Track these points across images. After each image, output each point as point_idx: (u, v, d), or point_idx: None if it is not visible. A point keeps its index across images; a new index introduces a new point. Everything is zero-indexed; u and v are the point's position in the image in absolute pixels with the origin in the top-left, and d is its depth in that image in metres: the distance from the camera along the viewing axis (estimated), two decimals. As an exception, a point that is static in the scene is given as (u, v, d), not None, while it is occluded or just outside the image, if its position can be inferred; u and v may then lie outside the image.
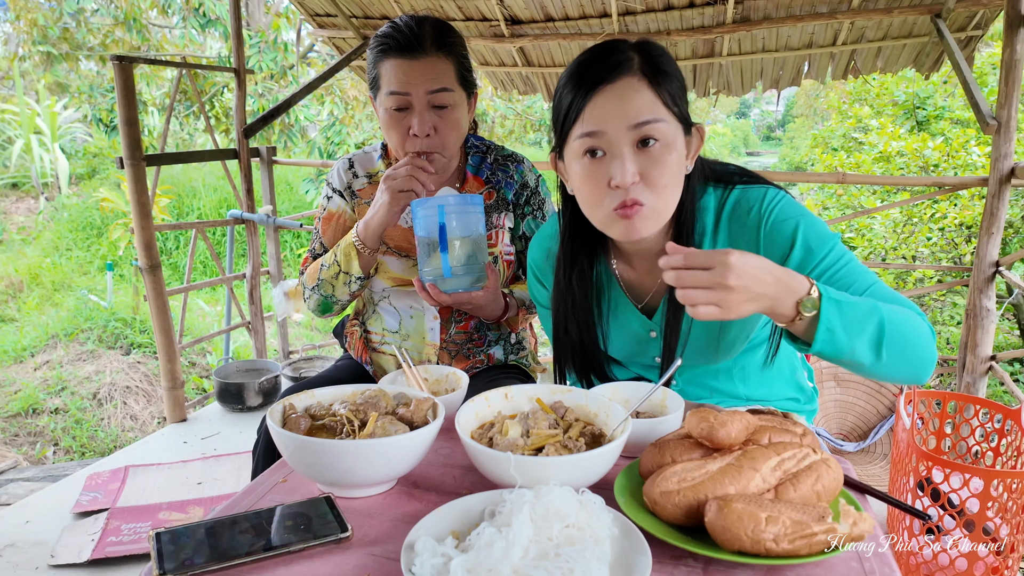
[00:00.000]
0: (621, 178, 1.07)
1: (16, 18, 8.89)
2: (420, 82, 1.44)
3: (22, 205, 9.22)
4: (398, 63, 1.44)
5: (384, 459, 0.94)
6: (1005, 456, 1.79)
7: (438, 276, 1.39)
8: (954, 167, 5.29)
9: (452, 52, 1.49)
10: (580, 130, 1.10)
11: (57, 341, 5.60)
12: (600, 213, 1.13)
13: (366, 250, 1.51)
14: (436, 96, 1.46)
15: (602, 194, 1.10)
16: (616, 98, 1.07)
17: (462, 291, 1.42)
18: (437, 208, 1.35)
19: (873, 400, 2.89)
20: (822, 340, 0.97)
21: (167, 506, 2.45)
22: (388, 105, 1.47)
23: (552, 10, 3.19)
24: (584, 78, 1.09)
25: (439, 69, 1.45)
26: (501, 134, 12.42)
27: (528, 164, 1.71)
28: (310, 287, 1.63)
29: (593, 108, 1.08)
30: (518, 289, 1.67)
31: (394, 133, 1.49)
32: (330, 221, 1.67)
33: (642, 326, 1.30)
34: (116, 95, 2.76)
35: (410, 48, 1.43)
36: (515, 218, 1.67)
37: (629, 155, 1.08)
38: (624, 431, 0.98)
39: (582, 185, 1.13)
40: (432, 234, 1.36)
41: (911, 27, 2.97)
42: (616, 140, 1.08)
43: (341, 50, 3.69)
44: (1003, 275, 2.67)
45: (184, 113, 9.59)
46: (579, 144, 1.10)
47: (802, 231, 1.13)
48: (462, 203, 1.37)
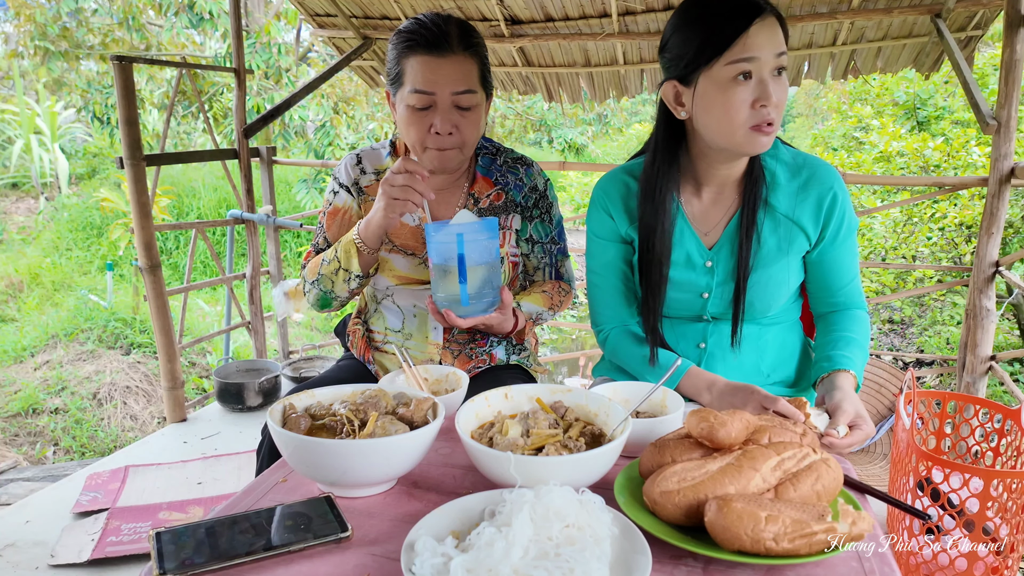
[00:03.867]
0: (774, 98, 1.23)
1: (16, 15, 8.90)
2: (446, 82, 1.44)
3: (22, 205, 9.22)
4: (425, 60, 1.44)
5: (384, 459, 0.94)
6: (1005, 456, 1.79)
7: (454, 303, 1.39)
8: (954, 167, 5.29)
9: (477, 53, 1.49)
10: (736, 55, 1.22)
11: (57, 341, 5.60)
12: (739, 129, 1.26)
13: (366, 249, 1.50)
14: (461, 97, 1.46)
15: (745, 113, 1.25)
16: (768, 29, 1.23)
17: (478, 315, 1.44)
18: (456, 237, 1.34)
19: (873, 400, 2.89)
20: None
21: (167, 506, 2.45)
22: (411, 103, 1.47)
23: (552, 10, 3.19)
24: (738, 10, 1.22)
25: (465, 69, 1.46)
26: (501, 134, 12.41)
27: (537, 168, 1.71)
28: (310, 281, 1.62)
29: (755, 36, 1.22)
30: (526, 302, 1.65)
31: (414, 130, 1.49)
32: (335, 216, 1.67)
33: (701, 255, 1.43)
34: (116, 95, 2.76)
35: (438, 46, 1.43)
36: (523, 220, 1.67)
37: (772, 80, 1.23)
38: (624, 431, 0.98)
39: (727, 103, 1.25)
40: (449, 261, 1.36)
41: (911, 27, 2.97)
42: (767, 65, 1.23)
43: (341, 50, 3.69)
44: (1003, 275, 2.67)
45: (183, 113, 9.59)
46: (732, 68, 1.23)
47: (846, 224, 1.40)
48: (479, 230, 1.36)
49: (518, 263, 1.70)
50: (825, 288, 1.45)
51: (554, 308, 1.70)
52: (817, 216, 1.38)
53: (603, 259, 1.52)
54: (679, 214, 1.42)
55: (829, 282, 1.44)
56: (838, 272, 1.43)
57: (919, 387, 2.73)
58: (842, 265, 1.42)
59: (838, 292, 1.44)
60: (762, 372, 1.49)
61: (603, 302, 1.54)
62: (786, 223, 1.38)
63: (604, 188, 1.50)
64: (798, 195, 1.38)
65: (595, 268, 1.54)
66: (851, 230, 1.41)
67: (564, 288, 1.74)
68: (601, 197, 1.50)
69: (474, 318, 1.43)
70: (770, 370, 1.49)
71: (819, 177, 1.38)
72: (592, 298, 1.57)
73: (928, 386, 4.37)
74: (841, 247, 1.41)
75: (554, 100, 3.83)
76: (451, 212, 1.64)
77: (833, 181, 1.38)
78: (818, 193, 1.37)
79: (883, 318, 6.37)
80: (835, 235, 1.39)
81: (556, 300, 1.70)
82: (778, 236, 1.38)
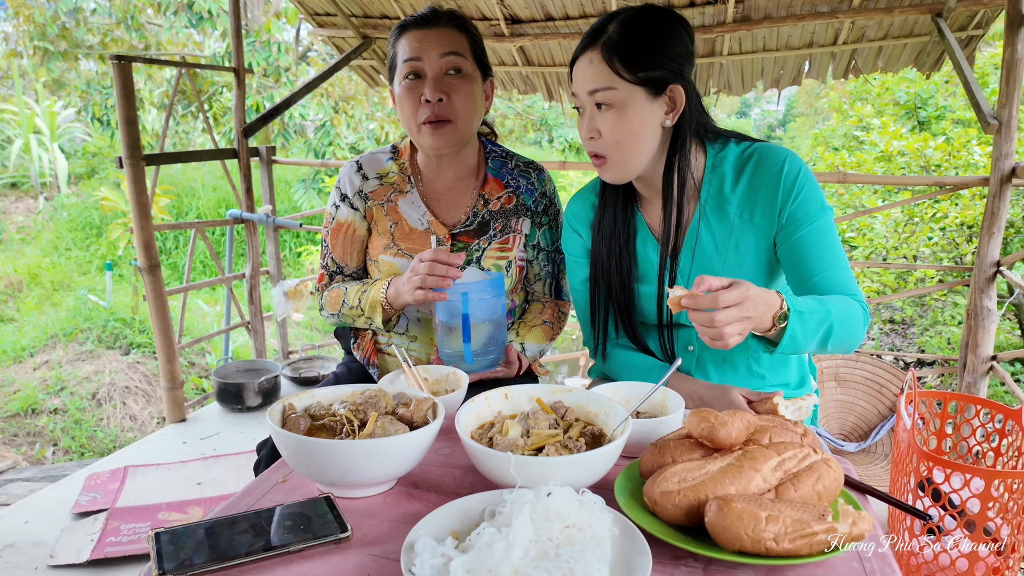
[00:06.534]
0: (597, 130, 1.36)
1: (15, 15, 8.90)
2: (433, 47, 1.48)
3: (21, 205, 9.21)
4: (413, 33, 1.50)
5: (384, 459, 0.94)
6: (1006, 456, 1.79)
7: (459, 361, 1.42)
8: (955, 167, 5.29)
9: (466, 29, 1.54)
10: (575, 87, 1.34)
11: (56, 341, 5.60)
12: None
13: (392, 311, 1.56)
14: (449, 60, 1.48)
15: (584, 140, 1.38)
16: (583, 66, 1.34)
17: (482, 371, 1.48)
18: (461, 296, 1.37)
19: (874, 400, 2.89)
20: (785, 344, 1.15)
21: (166, 506, 2.45)
22: (403, 73, 1.50)
23: (552, 9, 3.18)
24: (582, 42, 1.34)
25: (452, 37, 1.50)
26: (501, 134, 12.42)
27: (547, 174, 1.72)
28: (331, 312, 1.66)
29: (576, 73, 1.34)
30: (529, 342, 1.65)
31: (407, 104, 1.51)
32: (339, 233, 1.66)
33: (657, 255, 1.44)
34: (115, 94, 2.76)
35: (426, 21, 1.51)
36: (532, 226, 1.67)
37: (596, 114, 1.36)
38: (624, 431, 0.97)
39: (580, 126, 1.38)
40: (454, 320, 1.40)
41: (912, 26, 2.97)
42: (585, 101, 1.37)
43: (341, 49, 3.69)
44: (1004, 275, 2.67)
45: (182, 112, 9.59)
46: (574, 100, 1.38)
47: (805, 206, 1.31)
48: (484, 289, 1.39)
49: (524, 268, 1.70)
50: (796, 278, 1.32)
51: (555, 337, 1.72)
52: (771, 205, 1.31)
53: (580, 276, 1.53)
54: (640, 224, 1.45)
55: (799, 270, 1.31)
56: (807, 258, 1.29)
57: (920, 387, 2.73)
58: (809, 250, 1.29)
59: (808, 280, 1.30)
60: (757, 374, 1.46)
61: (588, 320, 1.54)
62: (740, 224, 1.35)
63: (572, 208, 1.53)
64: (748, 191, 1.34)
65: (576, 286, 1.56)
66: (812, 213, 1.30)
67: (563, 311, 1.76)
68: (569, 217, 1.53)
69: (478, 374, 1.48)
70: (766, 372, 1.47)
71: (764, 166, 1.32)
72: (579, 317, 1.58)
73: (929, 386, 4.37)
74: (806, 231, 1.29)
75: (554, 99, 3.83)
76: (461, 213, 1.63)
77: (781, 164, 1.31)
78: (766, 182, 1.32)
79: (884, 318, 6.37)
80: (795, 219, 1.30)
81: (557, 328, 1.72)
82: (735, 239, 1.36)
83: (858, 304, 1.27)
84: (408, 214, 1.62)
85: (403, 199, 1.63)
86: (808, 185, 1.31)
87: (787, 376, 1.50)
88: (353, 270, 1.70)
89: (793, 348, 1.16)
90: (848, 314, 1.23)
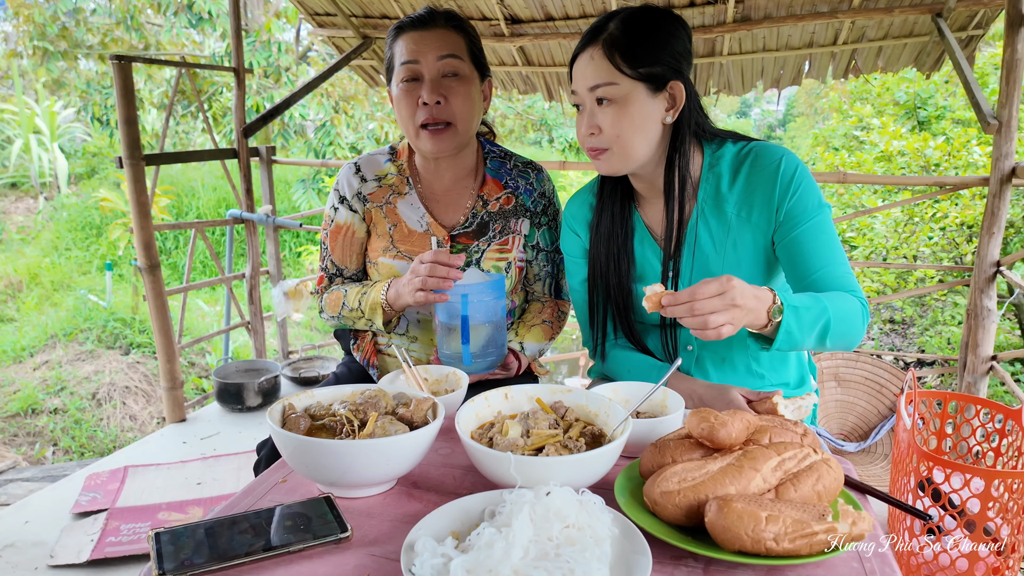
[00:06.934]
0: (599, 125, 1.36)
1: (15, 15, 8.90)
2: (430, 49, 1.47)
3: (21, 205, 9.21)
4: (410, 35, 1.50)
5: (384, 459, 0.94)
6: (1006, 456, 1.79)
7: (457, 362, 1.42)
8: (955, 167, 5.28)
9: (463, 30, 1.54)
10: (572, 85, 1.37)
11: (56, 341, 5.60)
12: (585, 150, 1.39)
13: (392, 313, 1.56)
14: (446, 62, 1.48)
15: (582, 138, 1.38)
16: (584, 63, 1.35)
17: (480, 373, 1.49)
18: (460, 298, 1.37)
19: (874, 400, 2.89)
20: (781, 340, 1.14)
21: (166, 506, 2.45)
22: (401, 77, 1.50)
23: (552, 9, 3.18)
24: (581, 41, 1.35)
25: (449, 38, 1.50)
26: (501, 134, 12.41)
27: (546, 173, 1.72)
28: (331, 314, 1.66)
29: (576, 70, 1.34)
30: (528, 341, 1.65)
31: (405, 107, 1.50)
32: (338, 236, 1.66)
33: (655, 255, 1.45)
34: (115, 94, 2.76)
35: (422, 22, 1.50)
36: (531, 226, 1.66)
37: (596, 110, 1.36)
38: (624, 431, 0.97)
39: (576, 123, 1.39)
40: (453, 321, 1.40)
41: (912, 26, 2.96)
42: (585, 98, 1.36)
43: (341, 49, 3.69)
44: (1004, 275, 2.67)
45: (182, 112, 9.59)
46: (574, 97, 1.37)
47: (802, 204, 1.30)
48: (484, 291, 1.39)
49: (523, 268, 1.70)
50: (794, 276, 1.32)
51: (554, 337, 1.72)
52: (769, 204, 1.32)
53: (579, 277, 1.53)
54: (638, 224, 1.45)
55: (798, 267, 1.30)
56: (805, 255, 1.29)
57: (920, 387, 2.73)
58: (807, 247, 1.29)
59: (807, 277, 1.30)
60: (756, 374, 1.46)
61: (587, 321, 1.54)
62: (738, 222, 1.35)
63: (570, 209, 1.54)
64: (745, 190, 1.34)
65: (574, 287, 1.56)
66: (810, 210, 1.30)
67: (562, 310, 1.75)
68: (568, 218, 1.54)
69: (477, 375, 1.49)
70: (766, 371, 1.47)
71: (761, 164, 1.33)
72: (578, 318, 1.58)
73: (929, 386, 4.37)
74: (804, 228, 1.29)
75: (554, 99, 3.83)
76: (460, 213, 1.63)
77: (777, 162, 1.31)
78: (763, 180, 1.32)
79: (884, 318, 6.37)
80: (793, 216, 1.30)
81: (556, 328, 1.72)
82: (733, 238, 1.36)
83: (857, 300, 1.26)
84: (407, 216, 1.62)
85: (402, 201, 1.63)
86: (805, 182, 1.31)
87: (786, 375, 1.50)
88: (352, 272, 1.70)
89: (790, 344, 1.15)
90: (846, 310, 1.22)
